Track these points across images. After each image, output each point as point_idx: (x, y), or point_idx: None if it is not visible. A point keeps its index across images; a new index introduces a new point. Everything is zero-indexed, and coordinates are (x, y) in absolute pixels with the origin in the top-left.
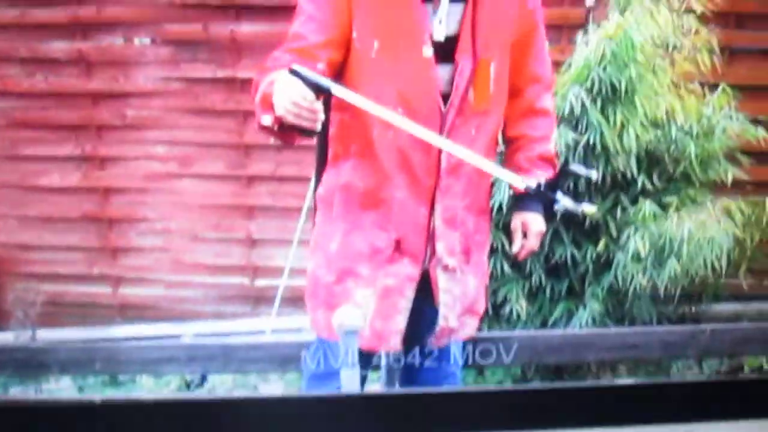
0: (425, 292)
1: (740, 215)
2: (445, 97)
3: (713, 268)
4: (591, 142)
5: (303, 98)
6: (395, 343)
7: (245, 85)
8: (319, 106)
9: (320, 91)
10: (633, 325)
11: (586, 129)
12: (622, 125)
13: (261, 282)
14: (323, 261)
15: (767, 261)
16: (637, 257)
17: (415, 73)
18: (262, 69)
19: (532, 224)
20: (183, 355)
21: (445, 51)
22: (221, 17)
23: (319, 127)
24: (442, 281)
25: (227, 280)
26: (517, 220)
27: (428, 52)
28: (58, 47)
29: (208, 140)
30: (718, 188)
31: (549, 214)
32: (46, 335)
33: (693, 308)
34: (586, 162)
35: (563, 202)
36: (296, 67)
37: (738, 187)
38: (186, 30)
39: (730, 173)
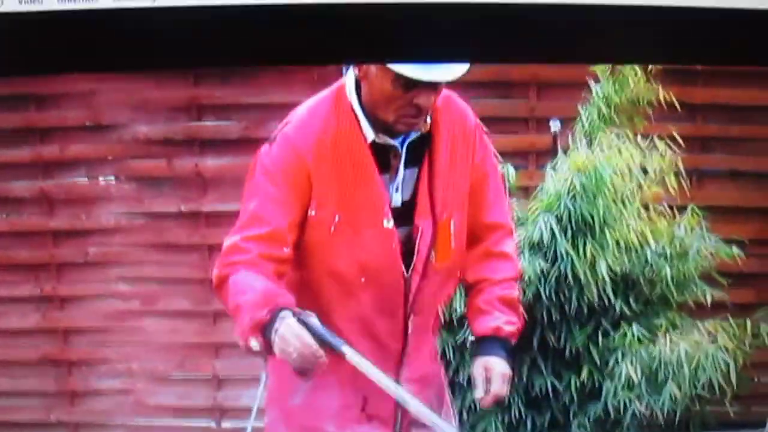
0: None
1: (726, 337)
2: (406, 256)
3: (720, 389)
4: (562, 271)
5: (309, 349)
6: None
7: (210, 218)
8: (324, 358)
9: (328, 346)
10: None
11: (557, 258)
12: (593, 257)
13: (228, 424)
14: (281, 417)
15: (753, 385)
16: (628, 384)
17: (377, 245)
18: (227, 263)
19: (495, 367)
20: None
21: (404, 215)
22: (186, 152)
23: (317, 370)
24: None
25: (192, 422)
26: (479, 365)
27: (389, 224)
28: (20, 186)
29: (172, 276)
30: (696, 311)
31: (512, 359)
32: None
33: None
34: (559, 291)
35: None
36: (306, 318)
37: (717, 308)
38: (150, 165)
39: (708, 294)
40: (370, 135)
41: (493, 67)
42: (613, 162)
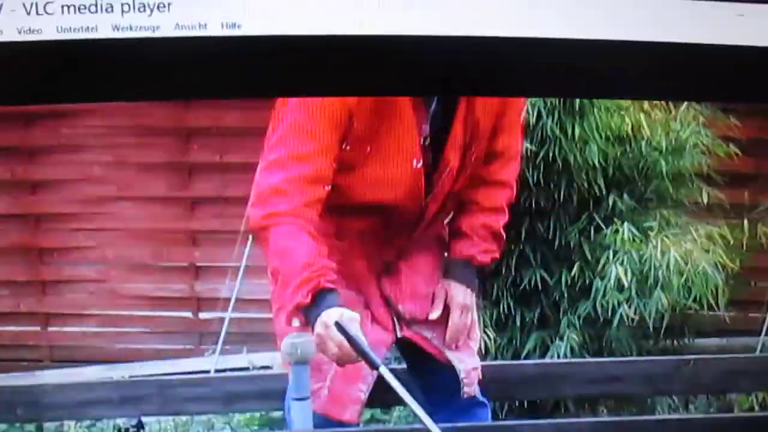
0: (423, 360)
1: (722, 242)
2: (427, 185)
3: (708, 303)
4: (550, 154)
5: (347, 355)
6: (352, 414)
7: (191, 101)
8: (357, 358)
9: (364, 357)
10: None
11: (545, 141)
12: (583, 140)
13: (206, 315)
14: None
15: (750, 290)
16: (619, 286)
17: (403, 183)
18: (269, 214)
19: (455, 295)
20: (115, 395)
21: (433, 147)
22: None
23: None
24: (427, 333)
25: (169, 313)
26: (442, 287)
27: (418, 164)
28: None
29: (149, 159)
30: (692, 210)
31: (478, 287)
32: None
33: (675, 342)
34: (547, 176)
35: None
36: (347, 326)
37: (712, 209)
38: None
39: (704, 192)
40: None
41: None
42: None
